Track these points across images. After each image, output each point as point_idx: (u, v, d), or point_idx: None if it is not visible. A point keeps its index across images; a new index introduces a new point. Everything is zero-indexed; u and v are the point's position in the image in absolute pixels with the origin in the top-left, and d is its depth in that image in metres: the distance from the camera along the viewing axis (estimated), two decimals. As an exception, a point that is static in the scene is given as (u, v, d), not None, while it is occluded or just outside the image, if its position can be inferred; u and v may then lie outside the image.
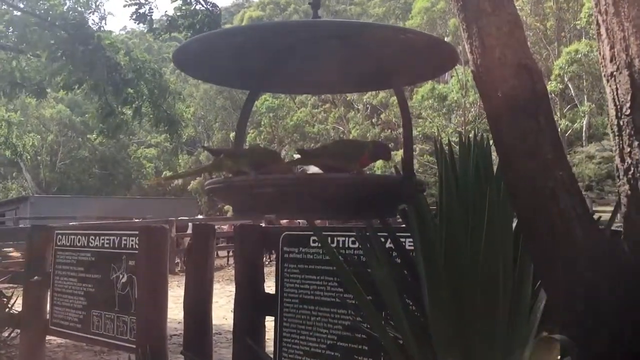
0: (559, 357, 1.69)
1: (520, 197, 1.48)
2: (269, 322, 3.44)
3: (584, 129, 29.66)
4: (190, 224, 15.40)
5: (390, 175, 2.19)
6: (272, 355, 3.29)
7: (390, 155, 1.95)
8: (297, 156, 1.97)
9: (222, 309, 8.33)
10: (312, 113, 34.18)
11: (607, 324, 1.42)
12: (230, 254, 15.73)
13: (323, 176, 1.80)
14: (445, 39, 28.71)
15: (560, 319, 1.52)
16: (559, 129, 25.54)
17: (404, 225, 2.30)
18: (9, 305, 5.35)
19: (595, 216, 1.62)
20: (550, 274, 1.49)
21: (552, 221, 1.42)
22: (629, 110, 1.39)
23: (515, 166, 1.47)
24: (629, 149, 1.39)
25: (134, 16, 10.74)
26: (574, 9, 27.47)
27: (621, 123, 1.41)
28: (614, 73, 1.43)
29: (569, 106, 28.31)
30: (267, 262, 11.87)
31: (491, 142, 1.65)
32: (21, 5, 11.70)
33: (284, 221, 12.39)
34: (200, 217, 23.35)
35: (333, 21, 2.42)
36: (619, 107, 1.42)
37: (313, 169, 1.85)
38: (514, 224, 1.81)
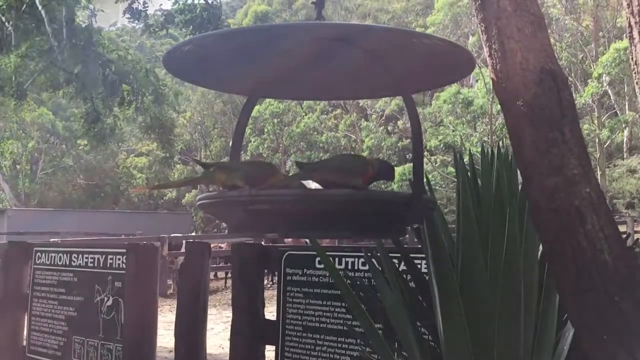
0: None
1: (542, 216, 1.49)
2: (269, 351, 3.45)
3: (624, 140, 29.53)
4: (184, 242, 15.43)
5: (397, 192, 2.21)
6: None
7: (394, 175, 1.97)
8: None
9: (219, 336, 8.33)
10: (321, 119, 34.23)
11: (640, 358, 1.43)
12: (229, 275, 15.72)
13: (323, 192, 1.82)
14: (471, 38, 28.63)
15: (589, 352, 1.53)
16: (598, 139, 25.47)
17: (419, 246, 2.31)
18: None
19: (637, 237, 1.62)
20: (576, 303, 1.50)
21: (577, 243, 1.43)
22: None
23: (538, 182, 1.48)
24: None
25: (128, 14, 10.88)
26: (614, 5, 27.42)
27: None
28: (648, 81, 1.44)
29: (607, 114, 28.22)
30: (268, 285, 11.85)
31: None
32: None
33: (288, 240, 12.40)
34: (194, 234, 23.37)
35: (334, 24, 2.45)
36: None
37: (313, 185, 1.87)
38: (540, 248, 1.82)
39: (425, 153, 28.03)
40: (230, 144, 2.18)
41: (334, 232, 2.35)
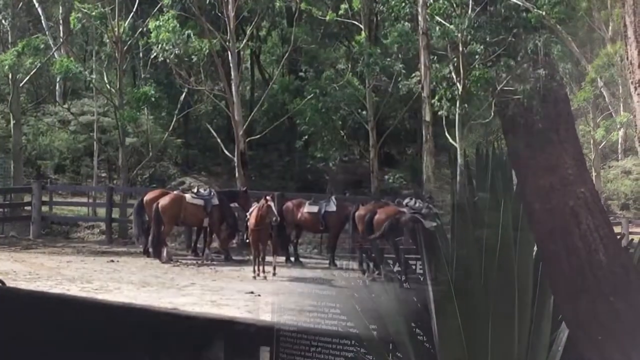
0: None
1: (537, 216, 1.48)
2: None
3: (619, 141, 29.54)
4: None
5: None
6: (266, 391, 3.28)
7: None
8: None
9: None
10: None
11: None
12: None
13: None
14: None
15: (584, 353, 1.52)
16: (593, 140, 25.50)
17: (414, 247, 2.31)
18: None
19: (631, 238, 1.62)
20: (571, 303, 1.49)
21: (572, 243, 1.42)
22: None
23: (532, 182, 1.47)
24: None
25: None
26: (607, 7, 27.41)
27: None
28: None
29: (602, 115, 28.22)
30: (264, 286, 11.81)
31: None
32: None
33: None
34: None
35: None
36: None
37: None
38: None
39: (423, 153, 27.97)
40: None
41: None
